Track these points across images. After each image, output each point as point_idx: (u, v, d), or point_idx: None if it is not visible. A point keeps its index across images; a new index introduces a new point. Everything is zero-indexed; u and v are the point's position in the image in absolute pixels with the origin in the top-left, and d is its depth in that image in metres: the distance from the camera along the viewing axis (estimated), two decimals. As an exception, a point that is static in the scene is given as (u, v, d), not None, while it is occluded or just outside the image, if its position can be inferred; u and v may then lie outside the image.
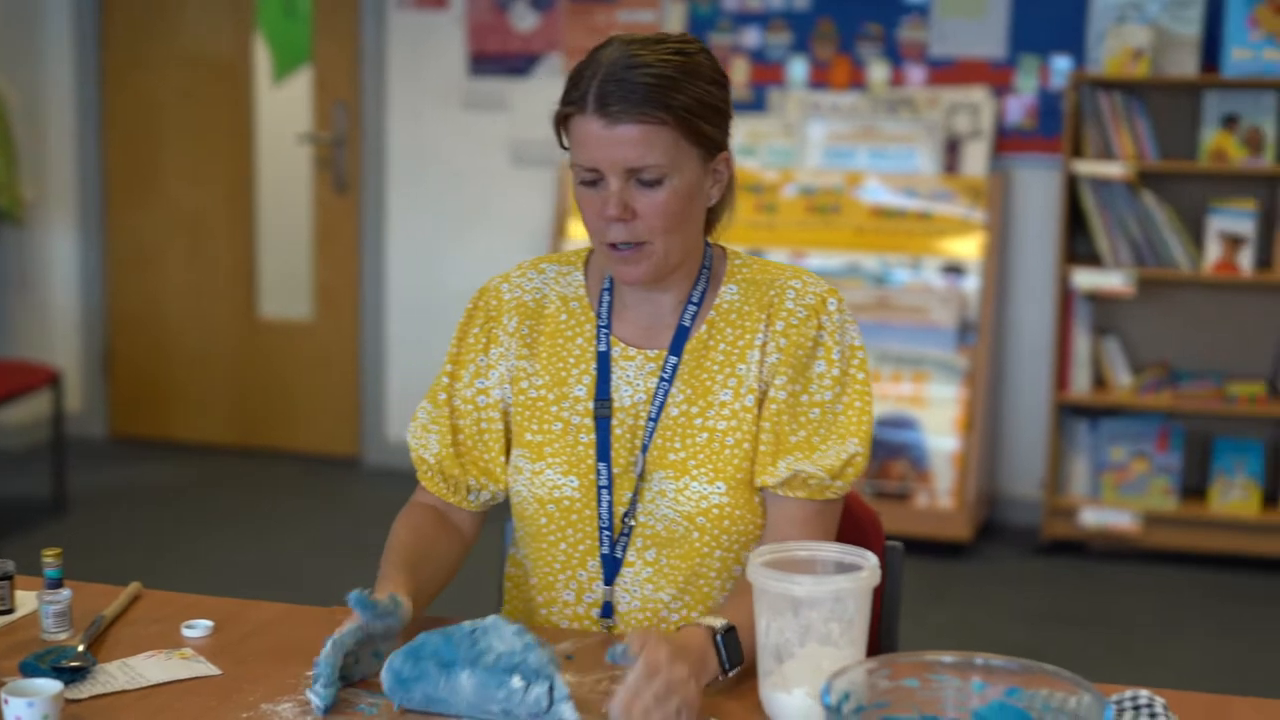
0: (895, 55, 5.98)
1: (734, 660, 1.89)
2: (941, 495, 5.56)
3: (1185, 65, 5.50)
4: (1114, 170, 5.39)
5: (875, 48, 6.01)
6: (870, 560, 1.83)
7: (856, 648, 1.80)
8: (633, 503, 2.11)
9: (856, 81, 6.02)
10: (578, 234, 6.08)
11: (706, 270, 2.16)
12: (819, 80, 6.07)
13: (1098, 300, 5.61)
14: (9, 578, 2.15)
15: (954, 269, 5.67)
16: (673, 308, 2.15)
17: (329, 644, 1.84)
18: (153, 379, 7.00)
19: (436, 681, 1.81)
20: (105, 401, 7.07)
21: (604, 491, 2.11)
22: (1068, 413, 5.64)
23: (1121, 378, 5.59)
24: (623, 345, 2.15)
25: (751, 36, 6.13)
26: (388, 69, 6.54)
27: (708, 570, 2.11)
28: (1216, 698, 1.92)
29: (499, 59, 6.42)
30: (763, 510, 2.12)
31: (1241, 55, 5.38)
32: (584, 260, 2.23)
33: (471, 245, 6.50)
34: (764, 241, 5.83)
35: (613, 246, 2.05)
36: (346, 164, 6.65)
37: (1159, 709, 1.80)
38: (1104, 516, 5.47)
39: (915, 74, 5.96)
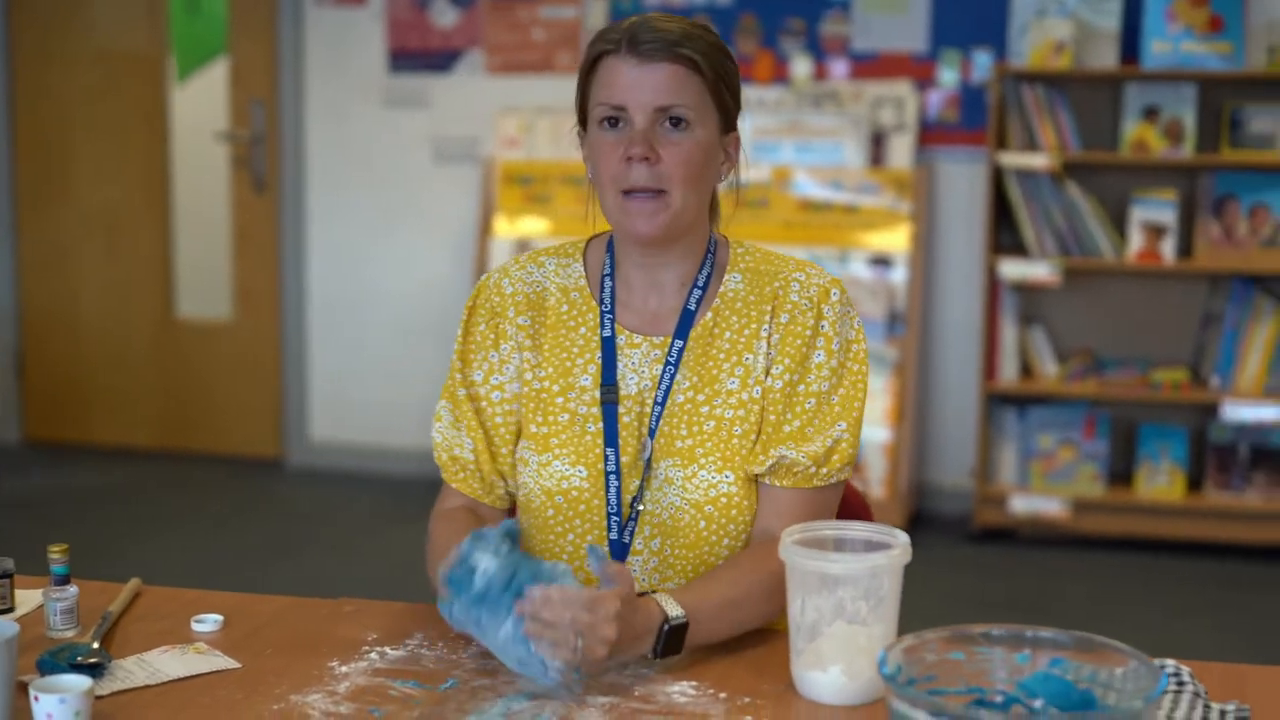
0: (818, 49, 6.02)
1: (669, 652, 1.89)
2: (873, 485, 5.60)
3: (1106, 58, 5.58)
4: (1038, 161, 5.47)
5: (798, 42, 6.04)
6: (901, 538, 1.85)
7: (889, 625, 1.82)
8: (640, 489, 2.10)
9: (780, 76, 6.05)
10: (503, 231, 6.07)
11: (711, 255, 2.16)
12: (742, 75, 6.07)
13: (1024, 290, 5.68)
14: (9, 576, 2.12)
15: (882, 261, 5.72)
16: (676, 289, 2.15)
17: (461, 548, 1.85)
18: (69, 381, 6.89)
19: (479, 611, 1.82)
20: (19, 405, 6.94)
21: (612, 477, 2.10)
22: (996, 402, 5.71)
23: (1048, 367, 5.67)
24: (628, 333, 2.14)
25: (674, 31, 6.13)
26: (306, 66, 6.49)
27: (714, 560, 2.11)
28: (1230, 666, 1.95)
29: (420, 55, 6.39)
30: None
31: (1161, 48, 5.47)
32: (582, 251, 2.22)
33: (394, 243, 6.46)
34: (692, 235, 5.83)
35: (628, 197, 2.04)
36: (265, 162, 6.58)
37: (1186, 677, 1.83)
38: (1033, 504, 5.54)
39: (838, 68, 6.00)
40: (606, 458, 2.10)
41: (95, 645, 1.93)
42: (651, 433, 2.10)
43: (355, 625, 2.06)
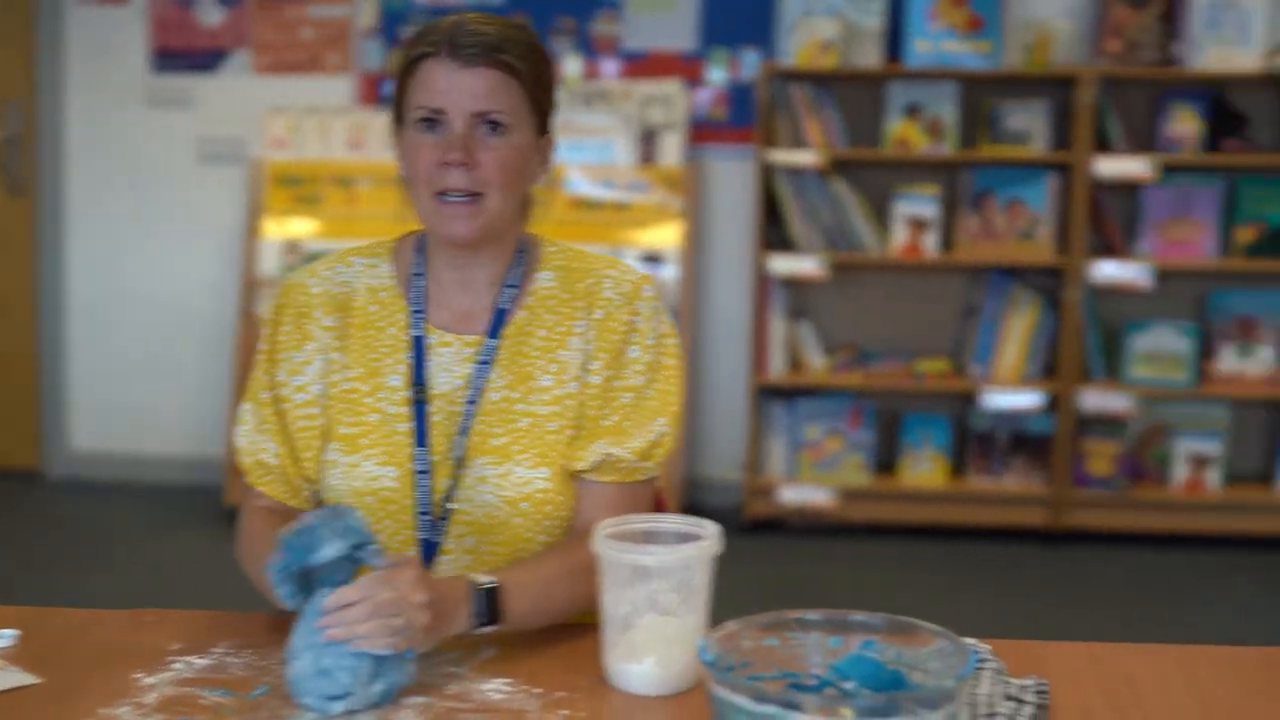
0: (589, 49, 6.06)
1: (491, 617, 1.90)
2: (650, 480, 5.66)
3: (870, 56, 5.72)
4: (805, 159, 5.58)
5: (569, 41, 6.08)
6: (711, 529, 1.88)
7: (700, 615, 1.85)
8: (451, 488, 2.11)
9: (550, 75, 6.07)
10: (271, 233, 5.99)
11: (523, 254, 2.18)
12: (512, 74, 6.09)
13: (792, 285, 5.80)
14: None
15: (653, 258, 5.79)
16: (488, 288, 2.15)
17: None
18: None
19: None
20: None
21: (422, 477, 2.10)
22: (766, 395, 5.82)
23: (815, 359, 5.80)
24: (439, 332, 2.14)
25: (443, 30, 6.12)
26: (66, 66, 6.31)
27: (530, 556, 2.13)
28: (1026, 643, 2.03)
29: (184, 55, 6.27)
30: None
31: (923, 47, 5.63)
32: (390, 251, 2.21)
33: (158, 246, 6.33)
34: (465, 234, 5.83)
35: (443, 199, 2.04)
36: (22, 164, 6.39)
37: (986, 654, 1.90)
38: (802, 494, 5.66)
39: (609, 67, 6.05)
40: (417, 457, 2.10)
41: (-114, 666, 1.87)
42: (464, 431, 2.11)
43: (157, 635, 2.03)
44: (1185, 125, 5.59)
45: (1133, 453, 5.70)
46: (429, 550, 2.12)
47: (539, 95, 2.07)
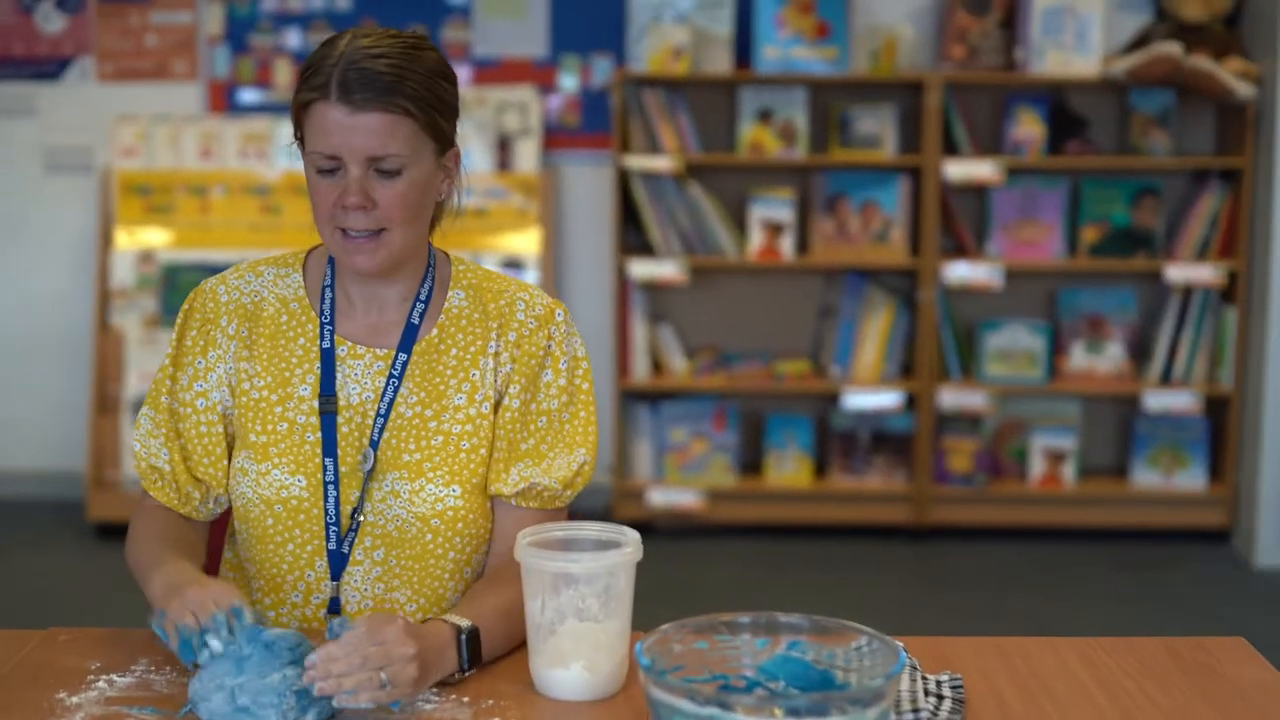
0: (440, 54, 6.03)
1: (473, 661, 1.92)
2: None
3: (720, 63, 5.78)
4: (661, 164, 5.63)
5: (420, 48, 6.05)
6: (632, 536, 1.91)
7: (623, 620, 1.88)
8: (361, 500, 2.11)
9: (403, 82, 6.05)
10: (124, 244, 5.89)
11: (432, 270, 2.18)
12: (365, 81, 6.06)
13: (652, 289, 5.84)
14: None
15: (513, 263, 5.80)
16: (398, 304, 2.16)
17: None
18: None
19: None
20: None
21: (330, 487, 2.11)
22: (630, 398, 5.86)
23: (677, 362, 5.84)
24: (350, 344, 2.15)
25: (293, 38, 6.08)
26: (-100, 74, 6.16)
27: (440, 571, 2.14)
28: (934, 639, 2.08)
29: (25, 62, 6.14)
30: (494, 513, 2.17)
31: (772, 53, 5.71)
32: (301, 262, 2.21)
33: (6, 258, 6.18)
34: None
35: (345, 235, 2.05)
36: None
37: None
38: (670, 496, 5.71)
39: (461, 73, 6.00)
40: (325, 467, 2.11)
41: None
42: (374, 444, 2.11)
43: (74, 655, 2.01)
44: (1029, 129, 5.73)
45: (990, 449, 5.83)
46: (337, 561, 2.13)
47: (438, 121, 2.05)
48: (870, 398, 5.68)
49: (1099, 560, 5.54)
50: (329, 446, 2.11)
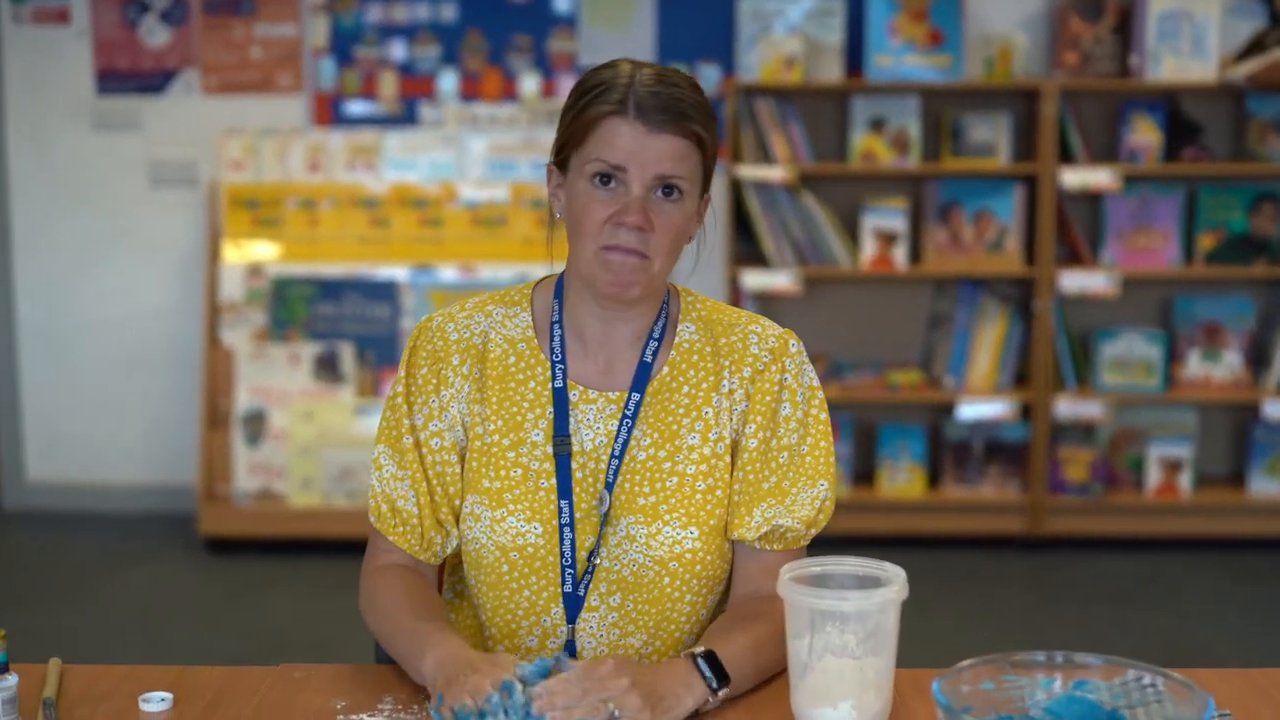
0: (545, 66, 6.04)
1: (720, 679, 1.89)
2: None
3: (831, 71, 5.75)
4: (774, 174, 5.59)
5: (525, 59, 6.05)
6: (895, 571, 1.88)
7: (888, 658, 1.84)
8: (597, 544, 2.08)
9: (508, 93, 6.05)
10: (232, 257, 5.89)
11: (665, 306, 2.15)
12: (470, 92, 6.07)
13: (765, 299, 5.80)
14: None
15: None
16: (631, 343, 2.12)
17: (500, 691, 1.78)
18: None
19: None
20: None
21: (566, 529, 2.07)
22: (741, 410, 5.81)
23: (787, 373, 5.79)
24: (581, 388, 2.10)
25: (398, 50, 6.07)
26: (5, 88, 6.17)
27: (677, 615, 2.10)
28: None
29: (130, 76, 6.15)
30: (731, 555, 2.14)
31: (884, 61, 5.67)
32: (528, 299, 2.17)
33: (110, 271, 6.21)
34: (432, 256, 5.79)
35: (609, 253, 2.00)
36: (-35, 190, 6.25)
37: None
38: (781, 508, 5.66)
39: (566, 84, 6.02)
40: (561, 510, 2.07)
41: (54, 735, 1.81)
42: (609, 486, 2.08)
43: (315, 693, 1.98)
44: (1145, 135, 5.68)
45: (1106, 458, 5.77)
46: (573, 604, 2.09)
47: (710, 161, 2.05)
48: (984, 407, 5.64)
49: (1217, 571, 5.48)
50: (564, 489, 2.07)
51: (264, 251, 5.92)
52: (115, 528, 6.05)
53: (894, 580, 1.86)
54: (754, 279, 5.61)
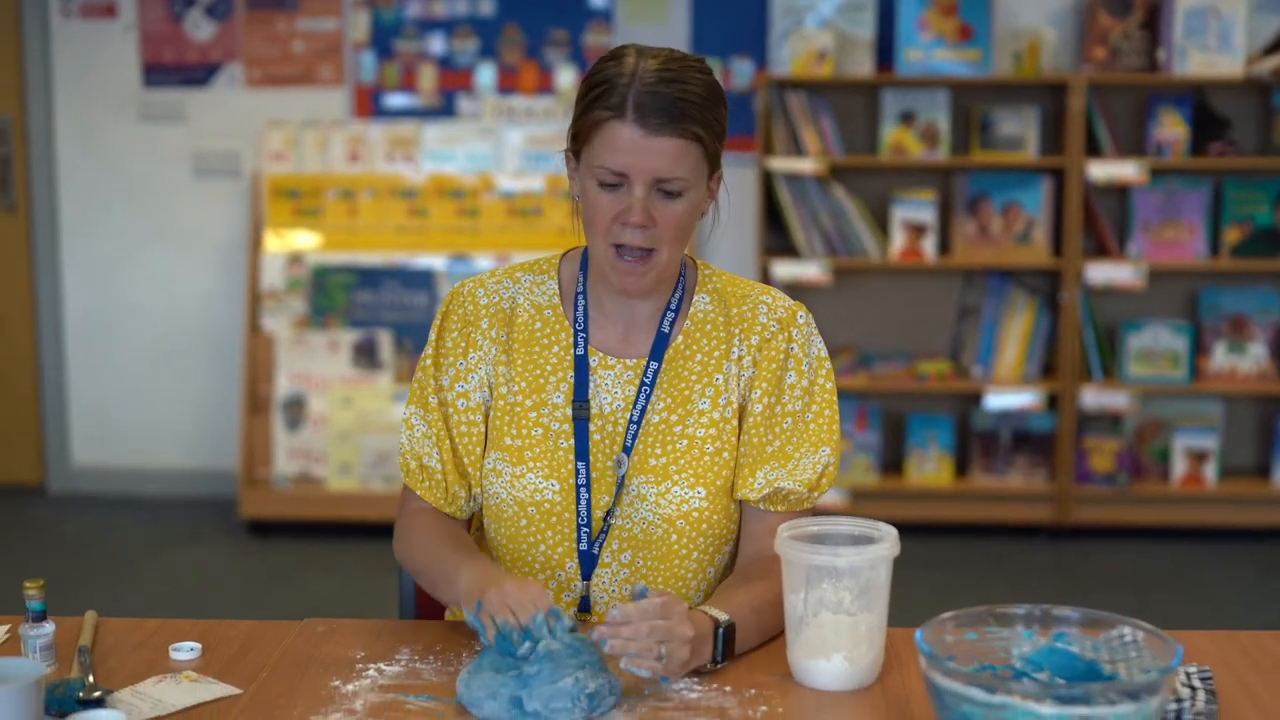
0: (581, 59, 6.13)
1: (725, 655, 1.99)
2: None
3: (862, 65, 5.83)
4: (804, 166, 5.68)
5: (562, 52, 6.15)
6: (887, 530, 1.97)
7: (881, 613, 1.94)
8: (611, 505, 2.18)
9: (545, 86, 6.15)
10: (274, 246, 6.01)
11: (682, 278, 2.25)
12: (508, 85, 6.17)
13: (795, 289, 5.88)
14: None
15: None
16: (650, 314, 2.22)
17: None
18: None
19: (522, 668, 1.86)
20: None
21: (583, 490, 2.17)
22: (771, 398, 5.89)
23: (817, 363, 5.87)
24: (601, 354, 2.21)
25: (437, 43, 6.18)
26: (55, 81, 6.31)
27: (684, 571, 2.20)
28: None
29: (175, 69, 6.28)
30: (738, 516, 2.24)
31: (914, 55, 5.75)
32: (556, 268, 2.28)
33: (155, 260, 6.34)
34: (468, 246, 5.90)
35: (618, 251, 2.11)
36: (14, 181, 6.39)
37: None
38: (810, 495, 5.74)
39: (602, 78, 6.11)
40: (578, 471, 2.17)
41: (90, 680, 1.92)
42: (627, 449, 2.18)
43: (337, 645, 2.09)
44: (1171, 129, 5.74)
45: (1132, 449, 5.84)
46: (588, 562, 2.19)
47: (717, 148, 2.12)
48: (1011, 397, 5.71)
49: (1241, 561, 5.53)
50: (581, 451, 2.18)
51: (304, 241, 6.04)
52: (158, 511, 6.19)
53: (885, 538, 1.96)
54: (784, 269, 5.69)
